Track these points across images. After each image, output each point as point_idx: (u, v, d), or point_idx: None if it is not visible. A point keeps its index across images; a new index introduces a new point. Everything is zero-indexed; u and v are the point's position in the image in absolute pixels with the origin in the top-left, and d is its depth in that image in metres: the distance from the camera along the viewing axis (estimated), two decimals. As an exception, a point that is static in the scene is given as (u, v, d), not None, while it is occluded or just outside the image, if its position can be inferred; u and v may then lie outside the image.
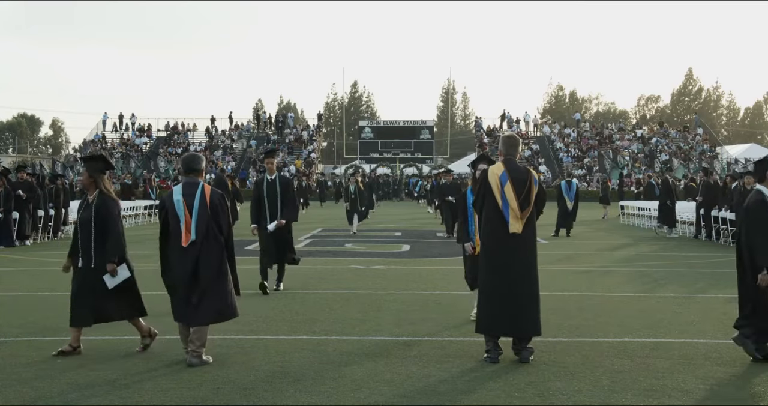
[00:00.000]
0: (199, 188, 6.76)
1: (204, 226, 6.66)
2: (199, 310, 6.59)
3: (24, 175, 18.67)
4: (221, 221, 6.77)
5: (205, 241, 6.66)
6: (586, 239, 20.93)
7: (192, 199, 6.71)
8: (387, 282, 11.79)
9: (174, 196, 6.79)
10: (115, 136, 65.11)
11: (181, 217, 6.69)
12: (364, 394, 5.66)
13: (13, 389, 5.81)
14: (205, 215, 6.68)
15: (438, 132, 75.23)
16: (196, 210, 6.68)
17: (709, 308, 9.48)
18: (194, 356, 6.50)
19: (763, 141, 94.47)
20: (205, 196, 6.73)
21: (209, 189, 6.81)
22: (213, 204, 6.73)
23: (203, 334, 6.59)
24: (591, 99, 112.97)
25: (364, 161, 60.68)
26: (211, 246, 6.69)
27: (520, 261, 6.71)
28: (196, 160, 6.93)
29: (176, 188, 6.88)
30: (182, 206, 6.70)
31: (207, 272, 6.64)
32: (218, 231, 6.75)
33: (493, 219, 6.78)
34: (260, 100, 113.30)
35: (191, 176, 6.87)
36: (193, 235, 6.64)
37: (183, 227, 6.67)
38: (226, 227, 6.82)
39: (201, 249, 6.64)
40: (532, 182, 6.80)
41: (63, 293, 10.74)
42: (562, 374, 6.23)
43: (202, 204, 6.69)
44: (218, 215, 6.75)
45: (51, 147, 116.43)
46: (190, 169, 6.89)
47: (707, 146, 59.75)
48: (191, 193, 6.75)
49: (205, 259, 6.65)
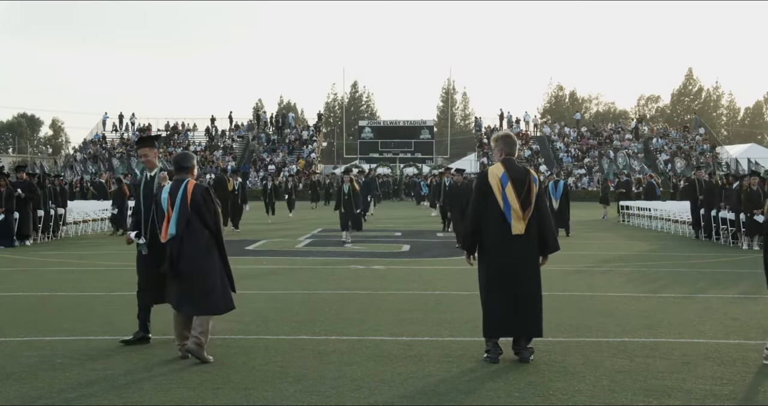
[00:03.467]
0: (183, 184, 6.84)
1: (184, 221, 6.72)
2: (183, 300, 6.70)
3: (24, 175, 18.67)
4: (204, 215, 6.78)
5: (186, 236, 6.72)
6: (586, 238, 20.94)
7: (175, 196, 6.81)
8: (387, 282, 11.78)
9: (162, 194, 6.93)
10: (115, 136, 65.14)
11: (165, 212, 6.83)
12: (364, 394, 5.65)
13: (13, 388, 5.80)
14: (186, 210, 6.74)
15: (438, 132, 75.21)
16: (177, 206, 6.76)
17: (709, 308, 9.47)
18: (194, 343, 6.53)
19: (763, 141, 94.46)
20: (187, 192, 6.79)
21: (192, 185, 6.86)
22: (195, 200, 6.76)
23: (204, 321, 6.61)
24: (591, 99, 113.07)
25: (364, 161, 60.67)
26: (193, 238, 6.73)
27: (522, 262, 6.70)
28: (186, 159, 7.04)
29: (165, 187, 7.01)
30: (167, 202, 6.83)
31: (189, 267, 6.68)
32: (203, 225, 6.77)
33: (495, 220, 6.77)
34: (260, 100, 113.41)
35: (180, 174, 6.96)
36: (173, 230, 6.72)
37: (164, 222, 6.81)
38: (211, 221, 6.82)
39: (182, 245, 6.71)
40: (532, 182, 6.80)
41: (63, 293, 10.76)
42: (562, 374, 6.23)
43: (183, 200, 6.76)
44: (200, 209, 6.76)
45: (51, 147, 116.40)
46: (180, 167, 6.99)
47: (707, 146, 59.76)
48: (176, 189, 6.85)
49: (186, 254, 6.69)
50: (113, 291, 10.74)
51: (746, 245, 17.23)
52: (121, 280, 11.73)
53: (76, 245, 18.74)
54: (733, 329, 8.10)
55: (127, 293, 10.52)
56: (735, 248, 17.52)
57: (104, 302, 9.90)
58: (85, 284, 11.71)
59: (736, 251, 16.95)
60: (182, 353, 6.70)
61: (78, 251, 16.84)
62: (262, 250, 17.26)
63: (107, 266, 14.21)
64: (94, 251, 17.12)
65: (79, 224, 22.40)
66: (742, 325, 8.33)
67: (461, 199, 16.87)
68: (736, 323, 8.42)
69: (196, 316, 6.67)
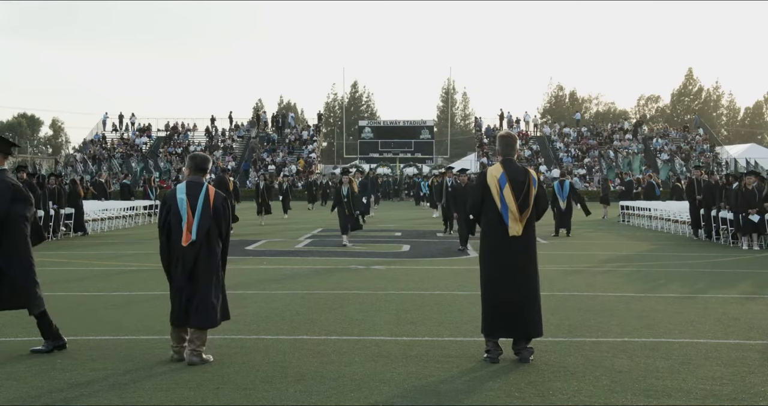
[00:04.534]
0: (203, 189, 6.77)
1: (206, 227, 6.67)
2: (198, 312, 6.57)
3: (24, 175, 18.66)
4: (222, 224, 6.79)
5: (205, 242, 6.67)
6: (586, 238, 20.93)
7: (195, 200, 6.72)
8: (387, 282, 11.78)
9: (177, 194, 6.78)
10: (115, 136, 65.13)
11: (183, 216, 6.69)
12: (364, 394, 5.65)
13: (13, 388, 5.80)
14: (208, 216, 6.69)
15: (438, 132, 75.25)
16: (200, 211, 6.68)
17: (709, 308, 9.47)
18: (195, 355, 6.50)
19: (763, 141, 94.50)
20: (209, 198, 6.75)
21: (213, 191, 6.83)
22: (216, 207, 6.76)
23: (204, 333, 6.60)
24: (591, 99, 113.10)
25: (364, 161, 60.66)
26: (210, 248, 6.70)
27: (520, 262, 6.70)
28: (207, 161, 6.99)
29: (180, 186, 6.86)
30: (185, 205, 6.70)
31: (205, 273, 6.63)
32: (218, 234, 6.77)
33: (492, 221, 6.78)
34: (260, 100, 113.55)
35: (198, 176, 6.87)
36: (194, 235, 6.64)
37: (185, 226, 6.67)
38: (225, 231, 6.85)
39: (200, 250, 6.65)
40: (531, 183, 6.80)
41: (63, 293, 10.75)
42: (562, 374, 6.23)
43: (205, 206, 6.71)
44: (220, 218, 6.77)
45: (51, 147, 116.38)
46: (199, 168, 6.90)
47: (707, 146, 59.76)
48: (195, 193, 6.75)
49: (203, 260, 6.65)
50: (113, 291, 10.73)
51: (746, 245, 17.24)
52: (122, 280, 11.74)
53: (76, 245, 18.74)
54: (733, 329, 8.11)
55: (127, 293, 10.55)
56: (735, 248, 17.52)
57: (104, 302, 9.89)
58: (85, 284, 11.71)
59: (736, 251, 16.95)
60: (177, 356, 6.64)
61: (78, 251, 16.84)
62: (262, 250, 17.26)
63: (107, 265, 14.20)
64: (94, 250, 17.12)
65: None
66: (742, 325, 8.34)
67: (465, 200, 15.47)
68: (736, 323, 8.42)
69: (206, 329, 6.60)
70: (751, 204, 16.96)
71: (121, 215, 25.86)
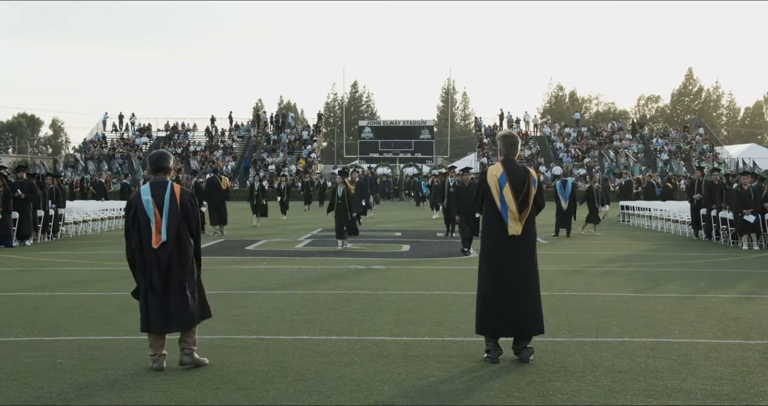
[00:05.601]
0: (168, 188, 6.54)
1: (175, 226, 6.45)
2: (178, 314, 6.40)
3: (24, 175, 18.66)
4: (191, 221, 6.58)
5: (176, 242, 6.46)
6: (586, 238, 20.93)
7: (161, 200, 6.49)
8: (387, 282, 11.78)
9: (142, 196, 6.53)
10: (115, 136, 65.14)
11: (151, 217, 6.45)
12: (364, 394, 5.65)
13: (13, 389, 5.80)
14: (176, 215, 6.47)
15: (438, 132, 75.28)
16: (167, 210, 6.46)
17: (709, 308, 9.47)
18: (187, 354, 6.44)
19: (763, 141, 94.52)
20: (176, 196, 6.52)
21: (179, 188, 6.60)
22: (183, 203, 6.54)
23: (193, 333, 6.51)
24: (591, 99, 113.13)
25: (364, 161, 60.69)
26: (182, 247, 6.50)
27: (520, 262, 6.70)
28: (164, 158, 6.68)
29: (144, 188, 6.62)
30: (152, 205, 6.47)
31: (180, 273, 6.46)
32: (188, 232, 6.56)
33: (492, 221, 6.78)
34: (260, 100, 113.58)
35: (159, 175, 6.63)
36: (164, 236, 6.42)
37: (153, 227, 6.43)
38: (195, 227, 6.63)
39: (172, 250, 6.44)
40: (531, 183, 6.80)
41: (63, 293, 10.76)
42: (562, 374, 6.23)
43: (172, 204, 6.48)
44: (189, 214, 6.55)
45: (51, 147, 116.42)
46: (157, 167, 6.64)
47: (707, 146, 59.76)
48: (160, 193, 6.51)
49: (177, 260, 6.46)
50: (113, 291, 10.73)
51: (746, 245, 17.24)
52: (122, 280, 11.73)
53: (76, 245, 18.74)
54: (733, 329, 8.11)
55: (127, 293, 10.52)
56: (735, 248, 17.52)
57: (104, 302, 9.89)
58: (85, 284, 11.71)
59: (736, 251, 16.95)
60: (157, 365, 6.37)
61: (78, 251, 16.83)
62: (262, 250, 17.26)
63: (107, 265, 14.20)
64: (94, 250, 17.11)
65: (79, 224, 22.38)
66: (742, 325, 8.34)
67: (468, 201, 14.99)
68: (736, 323, 8.42)
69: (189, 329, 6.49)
70: (747, 204, 17.00)
71: (121, 215, 25.84)
